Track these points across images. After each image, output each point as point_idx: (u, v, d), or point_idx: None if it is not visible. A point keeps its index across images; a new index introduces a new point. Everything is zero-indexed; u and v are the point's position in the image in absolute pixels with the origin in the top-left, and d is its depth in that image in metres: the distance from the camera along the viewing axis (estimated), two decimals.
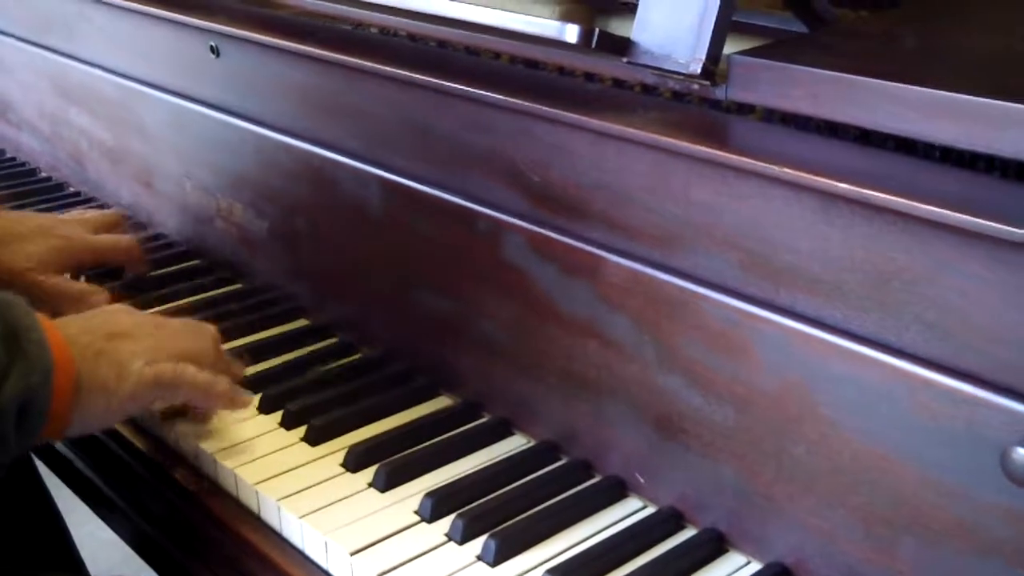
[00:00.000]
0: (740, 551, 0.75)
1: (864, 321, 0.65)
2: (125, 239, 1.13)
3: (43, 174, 1.46)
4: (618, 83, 0.83)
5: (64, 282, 1.04)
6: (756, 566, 0.74)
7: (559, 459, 0.85)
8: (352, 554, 0.74)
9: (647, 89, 0.81)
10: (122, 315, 0.86)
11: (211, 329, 0.90)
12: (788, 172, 0.66)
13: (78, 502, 1.24)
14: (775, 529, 0.72)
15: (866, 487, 0.67)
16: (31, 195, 1.38)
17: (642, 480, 0.80)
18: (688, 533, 0.77)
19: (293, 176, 1.04)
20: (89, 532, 1.57)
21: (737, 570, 0.74)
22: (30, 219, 1.11)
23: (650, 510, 0.79)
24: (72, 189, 1.40)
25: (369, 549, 0.75)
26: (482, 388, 0.90)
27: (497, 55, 0.91)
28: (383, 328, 0.99)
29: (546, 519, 0.78)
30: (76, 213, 1.18)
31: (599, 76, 0.84)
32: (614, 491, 0.81)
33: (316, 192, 1.02)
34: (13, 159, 1.52)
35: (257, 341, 1.02)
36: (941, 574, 0.65)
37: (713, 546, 0.76)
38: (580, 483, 0.82)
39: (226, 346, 0.99)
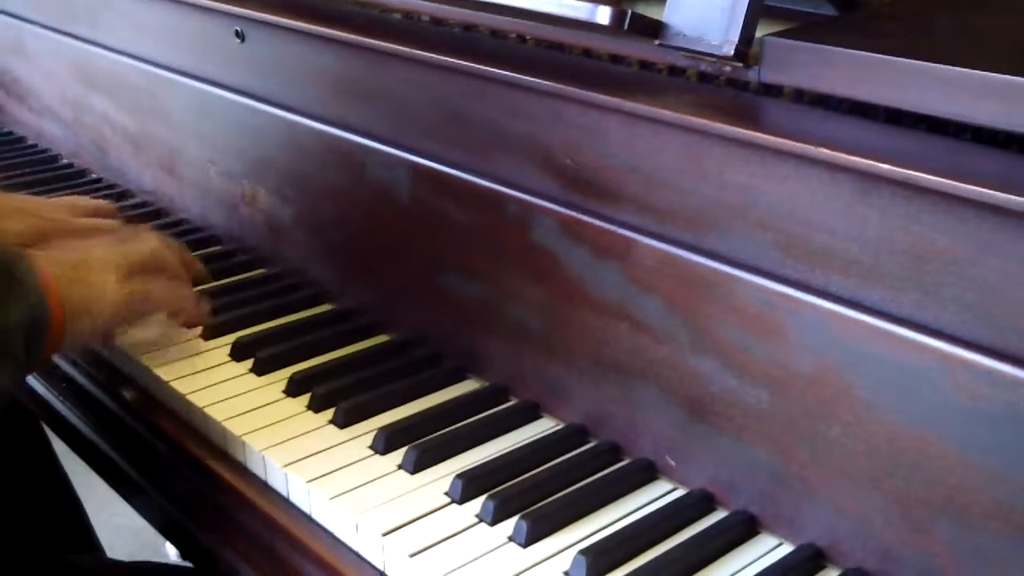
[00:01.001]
0: (772, 533, 0.75)
1: (902, 302, 0.65)
2: (109, 223, 1.09)
3: (65, 160, 1.47)
4: (644, 65, 0.83)
5: None
6: (788, 548, 0.74)
7: (588, 442, 0.85)
8: (384, 535, 0.74)
9: (673, 71, 0.81)
10: (80, 244, 0.91)
11: (166, 241, 0.96)
12: (826, 153, 0.66)
13: (97, 489, 1.23)
14: (808, 511, 0.72)
15: (903, 469, 0.67)
16: (53, 181, 1.38)
17: (672, 463, 0.80)
18: (719, 515, 0.77)
19: (320, 161, 1.04)
20: (106, 519, 1.58)
21: (769, 552, 0.74)
22: (16, 199, 1.10)
23: (680, 492, 0.79)
24: (94, 175, 1.40)
25: (400, 530, 0.75)
26: (510, 372, 0.90)
27: (522, 38, 0.91)
28: (410, 312, 0.99)
29: (576, 501, 0.78)
30: (69, 199, 1.16)
31: (625, 58, 0.84)
32: (644, 474, 0.81)
33: (343, 177, 1.02)
34: (34, 146, 1.53)
35: (281, 325, 1.02)
36: (978, 557, 0.64)
37: (745, 528, 0.75)
38: (609, 466, 0.82)
39: (248, 331, 1.00)
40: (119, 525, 1.89)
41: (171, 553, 1.93)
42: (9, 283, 0.77)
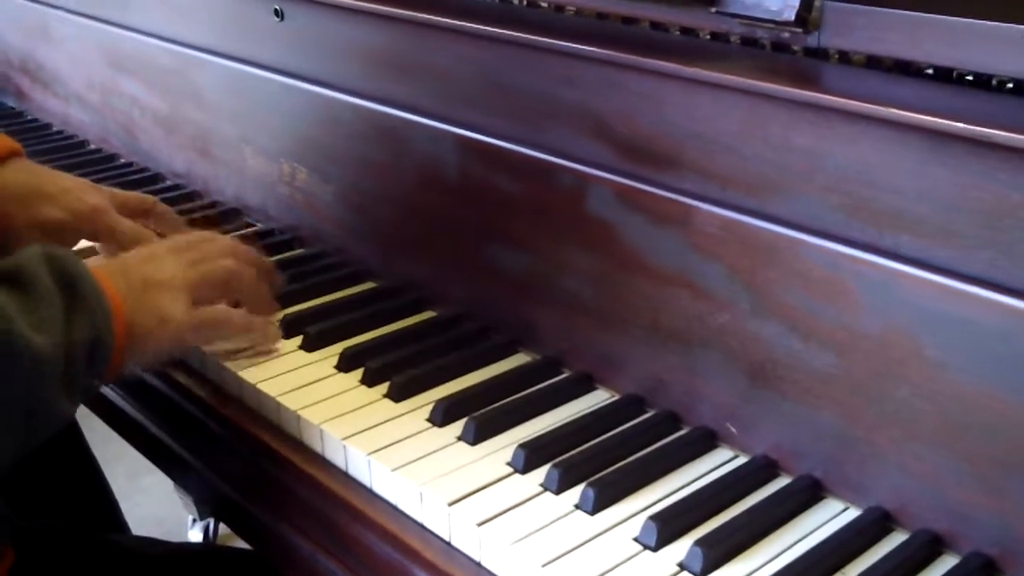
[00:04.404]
0: (838, 498, 0.75)
1: (974, 261, 0.65)
2: (148, 233, 1.02)
3: (92, 146, 1.46)
4: (685, 31, 0.83)
5: None
6: (855, 512, 0.74)
7: (646, 411, 0.85)
8: (450, 504, 0.74)
9: (716, 36, 0.81)
10: (154, 263, 0.84)
11: (245, 249, 0.92)
12: (898, 113, 0.65)
13: (117, 477, 1.21)
14: (876, 474, 0.72)
15: (975, 429, 0.67)
16: (81, 167, 1.38)
17: (734, 430, 0.80)
18: (783, 481, 0.77)
19: (361, 137, 1.04)
20: (127, 509, 1.57)
21: (835, 516, 0.74)
22: (57, 178, 1.02)
23: (742, 459, 0.79)
24: (123, 160, 1.40)
25: (466, 499, 0.75)
26: (564, 344, 0.90)
27: (559, 8, 0.91)
28: (457, 287, 0.99)
29: (639, 469, 0.78)
30: (108, 188, 1.07)
31: (666, 25, 0.84)
32: (704, 442, 0.81)
33: (386, 153, 1.02)
34: (61, 132, 1.52)
35: (327, 303, 1.02)
36: None
37: (809, 493, 0.76)
38: (669, 434, 0.82)
39: (295, 308, 1.00)
40: (141, 516, 1.89)
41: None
42: (76, 300, 0.73)
